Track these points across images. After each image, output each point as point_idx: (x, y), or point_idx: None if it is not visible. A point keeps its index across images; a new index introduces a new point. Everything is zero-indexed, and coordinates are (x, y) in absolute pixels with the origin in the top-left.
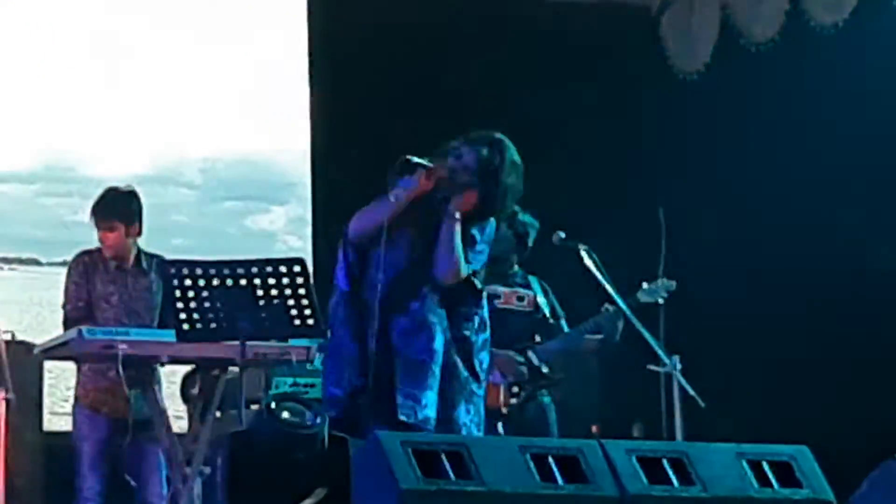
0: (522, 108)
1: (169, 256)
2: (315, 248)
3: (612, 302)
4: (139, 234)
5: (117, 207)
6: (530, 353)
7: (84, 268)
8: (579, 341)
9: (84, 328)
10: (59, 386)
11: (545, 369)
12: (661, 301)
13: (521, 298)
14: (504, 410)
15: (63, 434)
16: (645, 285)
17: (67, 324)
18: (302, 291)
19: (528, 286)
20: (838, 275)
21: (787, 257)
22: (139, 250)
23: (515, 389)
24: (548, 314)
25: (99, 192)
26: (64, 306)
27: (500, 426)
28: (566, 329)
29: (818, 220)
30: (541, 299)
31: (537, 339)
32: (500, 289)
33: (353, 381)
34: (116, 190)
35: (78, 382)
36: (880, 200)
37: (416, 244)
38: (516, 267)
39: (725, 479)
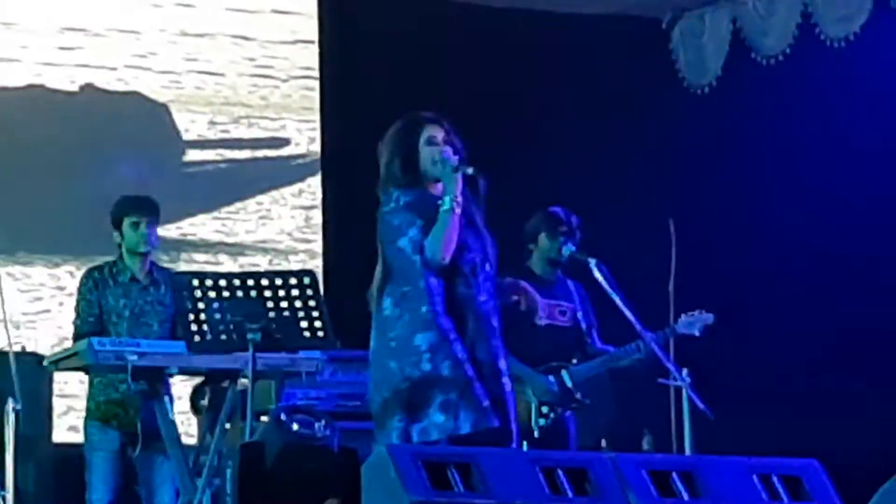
0: (533, 119)
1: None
2: (326, 258)
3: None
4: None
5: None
6: (564, 375)
7: (94, 283)
8: (618, 361)
9: (94, 339)
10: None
11: (578, 396)
12: (697, 334)
13: (563, 313)
14: (536, 433)
15: (73, 445)
16: (683, 317)
17: (77, 339)
18: (312, 303)
19: (568, 295)
20: (851, 287)
21: (798, 269)
22: (152, 263)
23: (546, 410)
24: (584, 328)
25: None
26: (74, 322)
27: (525, 444)
28: (597, 343)
29: (830, 231)
30: (580, 313)
31: (573, 360)
32: (547, 302)
33: None
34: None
35: (89, 395)
36: (894, 211)
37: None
38: (558, 271)
39: (736, 492)
